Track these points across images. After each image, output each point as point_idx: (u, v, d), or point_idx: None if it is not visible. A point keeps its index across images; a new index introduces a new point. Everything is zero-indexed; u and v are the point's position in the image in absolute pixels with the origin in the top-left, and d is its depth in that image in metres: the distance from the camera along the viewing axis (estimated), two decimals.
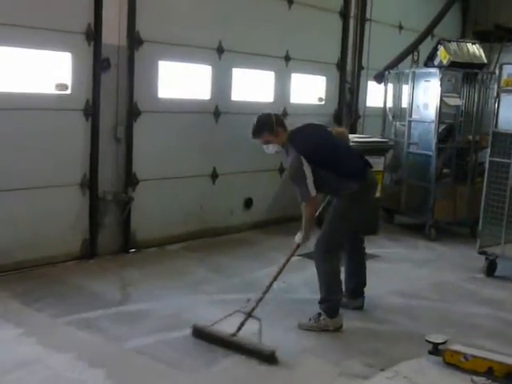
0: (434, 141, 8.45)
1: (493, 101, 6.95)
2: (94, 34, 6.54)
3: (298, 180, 5.07)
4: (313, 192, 5.05)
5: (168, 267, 6.84)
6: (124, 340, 4.86)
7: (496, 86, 6.86)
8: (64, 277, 6.26)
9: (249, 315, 4.92)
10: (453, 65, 8.50)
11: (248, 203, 8.65)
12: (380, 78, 9.54)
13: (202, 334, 4.91)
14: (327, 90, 9.61)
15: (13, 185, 6.21)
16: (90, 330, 4.99)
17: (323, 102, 9.57)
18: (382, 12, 10.16)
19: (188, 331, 5.02)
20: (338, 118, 9.78)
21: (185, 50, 7.46)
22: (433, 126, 8.46)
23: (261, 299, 5.12)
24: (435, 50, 8.65)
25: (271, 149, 5.30)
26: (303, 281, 6.64)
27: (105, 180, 6.89)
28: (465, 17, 12.50)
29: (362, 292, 5.76)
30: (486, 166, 7.00)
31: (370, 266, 7.20)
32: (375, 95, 10.27)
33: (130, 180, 7.11)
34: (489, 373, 4.48)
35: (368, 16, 9.95)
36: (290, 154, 5.15)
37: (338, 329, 5.28)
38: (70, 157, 6.63)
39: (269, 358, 4.56)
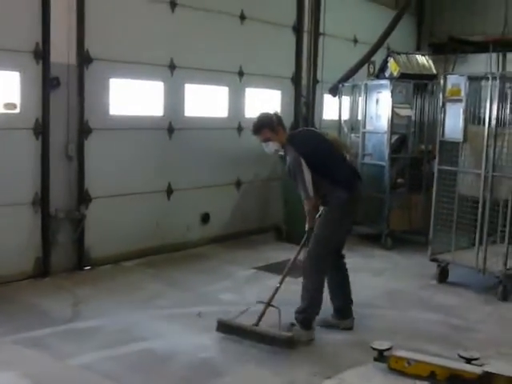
0: (386, 151, 8.58)
1: (439, 110, 7.08)
2: (42, 53, 6.57)
3: (298, 178, 5.18)
4: (311, 193, 5.18)
5: (121, 283, 6.85)
6: (70, 357, 4.85)
7: (441, 96, 7.02)
8: (15, 295, 6.23)
9: (268, 304, 5.30)
10: (403, 76, 8.67)
11: (205, 218, 8.67)
12: (334, 90, 9.67)
13: (227, 328, 5.26)
14: (283, 104, 9.70)
15: None
16: (37, 348, 4.97)
17: None
18: (335, 26, 10.33)
19: (134, 346, 5.07)
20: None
21: (136, 68, 7.51)
22: (386, 136, 8.60)
23: (277, 289, 5.44)
24: (385, 62, 8.84)
25: (271, 147, 5.39)
26: (256, 294, 6.63)
27: (57, 198, 6.88)
28: (420, 29, 12.78)
29: (351, 311, 5.69)
30: (435, 174, 7.13)
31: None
32: (332, 108, 10.40)
33: (83, 197, 7.11)
34: (431, 377, 4.56)
35: (322, 30, 10.07)
36: (288, 154, 5.26)
37: (310, 341, 5.27)
38: (21, 175, 6.62)
39: (287, 343, 5.01)
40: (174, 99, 8.06)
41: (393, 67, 8.61)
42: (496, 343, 5.45)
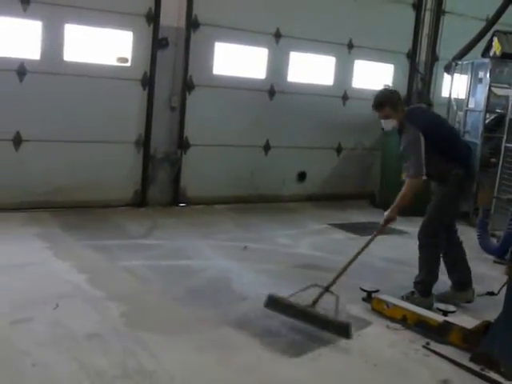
0: (480, 129, 8.70)
1: None
2: (153, 17, 7.78)
3: (413, 154, 5.21)
4: (423, 169, 5.18)
5: (202, 220, 7.96)
6: (121, 260, 6.03)
7: None
8: (109, 216, 7.59)
9: (326, 289, 4.94)
10: (506, 56, 8.65)
11: (301, 176, 9.46)
12: (448, 68, 9.84)
13: (277, 305, 4.95)
14: (395, 78, 10.08)
15: (82, 137, 7.68)
16: (99, 252, 6.21)
17: None
18: (465, 5, 10.39)
19: (176, 261, 6.14)
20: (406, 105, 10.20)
21: (241, 34, 8.47)
22: (482, 115, 8.71)
23: (339, 275, 5.12)
24: (491, 41, 8.85)
25: (389, 124, 5.43)
26: (311, 242, 7.38)
27: (158, 141, 8.13)
28: None
29: (470, 283, 5.65)
30: (502, 152, 7.27)
31: (393, 239, 7.82)
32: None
33: (182, 143, 8.27)
34: (403, 320, 5.07)
35: (447, 9, 10.27)
36: (406, 130, 5.29)
37: (428, 308, 5.25)
38: (128, 119, 7.95)
39: (344, 330, 4.62)
40: (278, 65, 8.92)
41: (496, 46, 8.64)
42: None
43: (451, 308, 5.11)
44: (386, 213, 5.45)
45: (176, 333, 4.56)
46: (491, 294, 4.92)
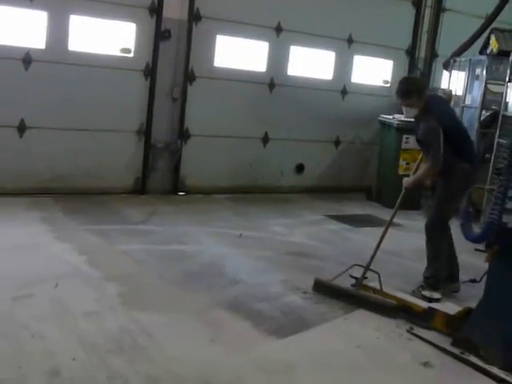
0: (476, 126, 8.86)
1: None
2: (156, 9, 7.96)
3: (433, 144, 5.31)
4: (440, 160, 5.29)
5: (200, 208, 8.15)
6: (120, 244, 6.24)
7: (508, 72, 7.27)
8: (110, 202, 7.79)
9: (367, 268, 5.38)
10: (502, 54, 8.78)
11: (299, 168, 9.63)
12: (447, 65, 10.00)
13: (324, 288, 5.39)
14: (394, 74, 10.22)
15: (84, 125, 7.86)
16: (99, 236, 6.41)
17: (388, 85, 10.21)
18: (465, 3, 10.53)
19: (172, 246, 6.34)
20: None
21: (243, 27, 8.63)
22: (477, 111, 8.86)
23: (375, 253, 5.54)
24: (488, 39, 9.00)
25: (411, 112, 5.47)
26: (305, 231, 7.57)
27: (159, 131, 8.31)
28: None
29: (458, 275, 5.81)
30: (494, 147, 7.44)
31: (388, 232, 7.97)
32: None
33: (182, 133, 8.46)
34: None
35: (447, 6, 10.43)
36: (426, 119, 5.35)
37: (438, 300, 5.37)
38: (131, 108, 8.12)
39: (391, 310, 5.06)
40: (278, 58, 9.08)
41: (493, 44, 8.78)
42: None
43: (436, 295, 5.31)
44: (405, 182, 5.63)
45: (170, 313, 4.76)
46: (473, 281, 5.12)
